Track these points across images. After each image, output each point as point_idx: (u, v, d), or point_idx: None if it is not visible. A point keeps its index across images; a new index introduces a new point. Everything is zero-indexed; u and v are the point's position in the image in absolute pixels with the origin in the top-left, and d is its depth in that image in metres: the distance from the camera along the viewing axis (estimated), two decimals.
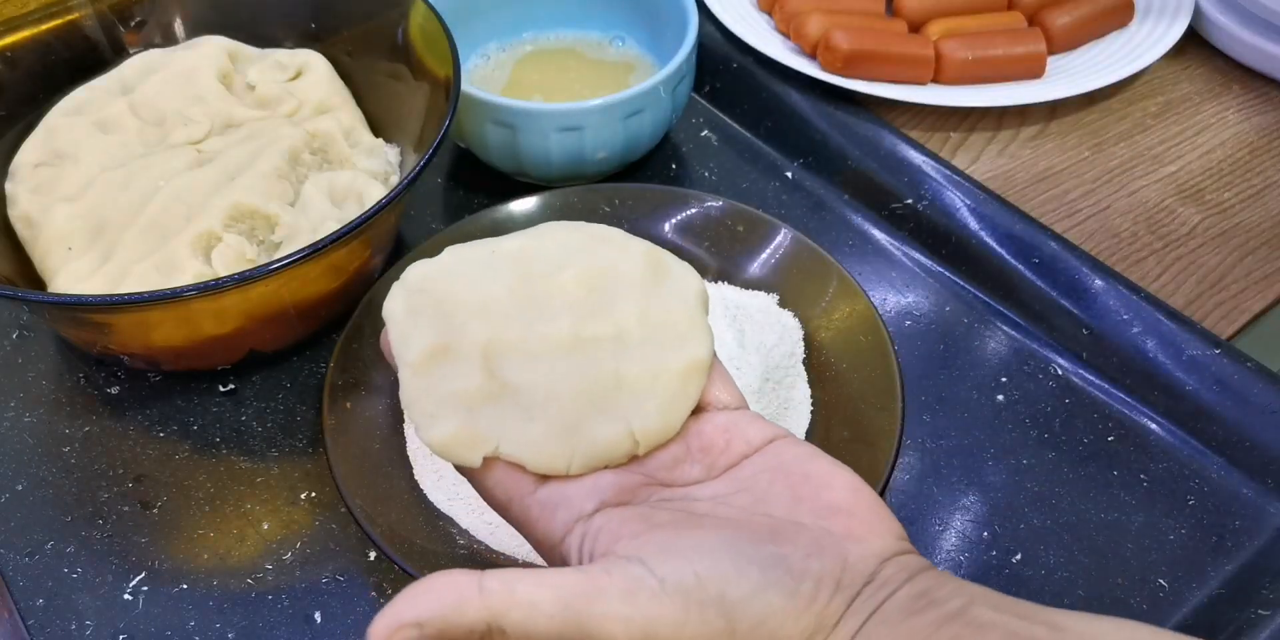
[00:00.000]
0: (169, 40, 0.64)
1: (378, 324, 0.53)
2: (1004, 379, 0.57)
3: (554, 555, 0.32)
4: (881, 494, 0.46)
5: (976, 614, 0.28)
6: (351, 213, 0.54)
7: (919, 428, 0.55)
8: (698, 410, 0.35)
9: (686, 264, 0.38)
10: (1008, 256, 0.62)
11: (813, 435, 0.51)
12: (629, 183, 0.59)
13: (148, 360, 0.55)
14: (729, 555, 0.28)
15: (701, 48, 0.72)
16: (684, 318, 0.36)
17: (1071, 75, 0.72)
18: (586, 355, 0.35)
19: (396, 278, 0.54)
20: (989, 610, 0.28)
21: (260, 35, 0.64)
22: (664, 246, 0.58)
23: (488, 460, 0.33)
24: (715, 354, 0.36)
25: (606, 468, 0.34)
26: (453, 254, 0.37)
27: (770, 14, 0.76)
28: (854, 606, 0.29)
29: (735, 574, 0.28)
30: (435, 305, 0.35)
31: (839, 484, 0.32)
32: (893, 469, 0.46)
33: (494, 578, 0.28)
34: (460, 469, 0.35)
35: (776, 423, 0.51)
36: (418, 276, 0.36)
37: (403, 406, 0.34)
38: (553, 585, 0.28)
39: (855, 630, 0.28)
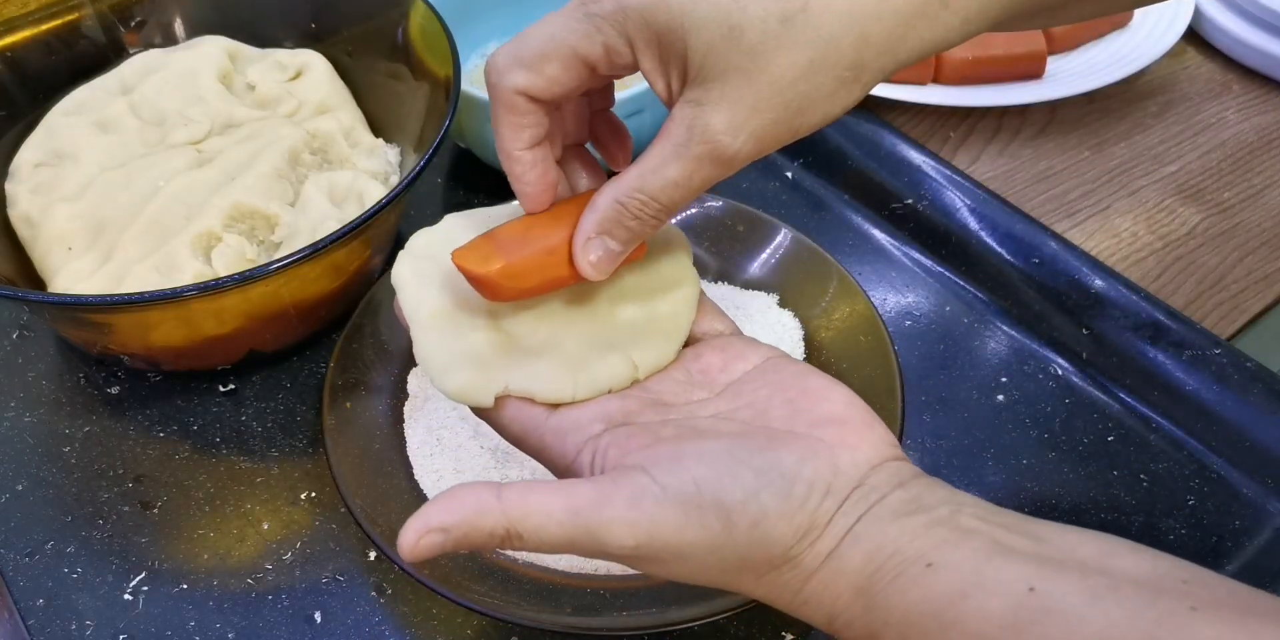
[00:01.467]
0: (169, 40, 0.64)
1: (378, 324, 0.53)
2: (1004, 379, 0.57)
3: (569, 475, 0.35)
4: None
5: (963, 520, 0.30)
6: (351, 213, 0.54)
7: (919, 428, 0.55)
8: (693, 340, 0.39)
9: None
10: (1008, 256, 0.62)
11: None
12: None
13: (148, 360, 0.55)
14: (726, 462, 0.31)
15: None
16: (671, 264, 0.39)
17: (1071, 75, 0.72)
18: (585, 305, 0.37)
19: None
20: (975, 519, 0.30)
21: (260, 35, 0.64)
22: None
23: (499, 399, 0.35)
24: (703, 291, 0.39)
25: (611, 393, 0.36)
26: (451, 221, 0.39)
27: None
28: (844, 508, 0.31)
29: (731, 480, 0.30)
30: (440, 271, 0.37)
31: (835, 397, 0.34)
32: None
33: (512, 489, 0.30)
34: (477, 412, 0.37)
35: None
36: (421, 244, 0.38)
37: (418, 362, 0.36)
38: (564, 494, 0.30)
39: (846, 529, 0.30)
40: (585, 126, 0.39)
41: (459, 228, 0.38)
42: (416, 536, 0.30)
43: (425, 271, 0.37)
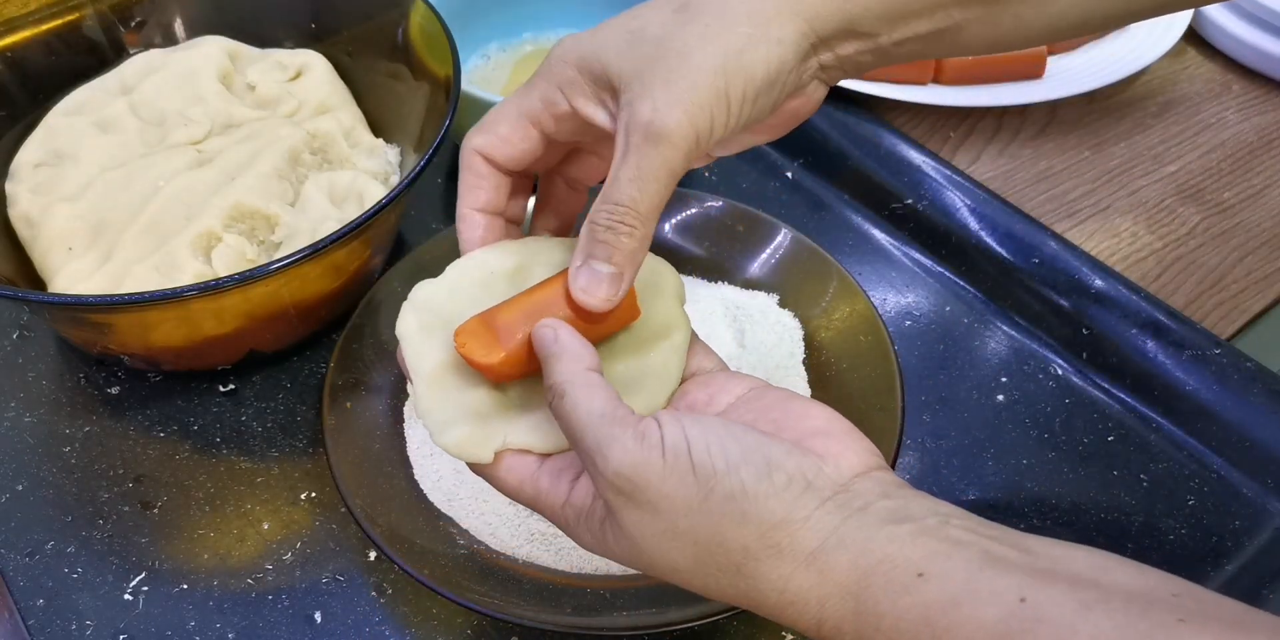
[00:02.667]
0: (169, 40, 0.64)
1: (378, 324, 0.53)
2: (1004, 379, 0.57)
3: (564, 515, 0.36)
4: None
5: (952, 532, 0.30)
6: (351, 213, 0.54)
7: (919, 428, 0.55)
8: (683, 380, 0.39)
9: (663, 260, 0.41)
10: (1008, 256, 0.62)
11: None
12: None
13: (148, 360, 0.55)
14: (719, 433, 0.32)
15: None
16: (664, 311, 0.39)
17: (1071, 75, 0.72)
18: None
19: (397, 277, 0.54)
20: (964, 530, 0.30)
21: (260, 35, 0.64)
22: (664, 246, 0.58)
23: (498, 454, 0.36)
24: (694, 332, 0.40)
25: None
26: (455, 271, 0.39)
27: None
28: (826, 507, 0.31)
29: (719, 448, 0.31)
30: (444, 324, 0.38)
31: (817, 413, 0.35)
32: (893, 469, 0.46)
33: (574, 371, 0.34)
34: (473, 467, 0.37)
35: None
36: (424, 297, 0.39)
37: (418, 416, 0.37)
38: (601, 398, 0.33)
39: (831, 530, 0.30)
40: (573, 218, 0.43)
41: (463, 280, 0.39)
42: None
43: (428, 324, 0.38)
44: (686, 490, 0.31)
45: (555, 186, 0.42)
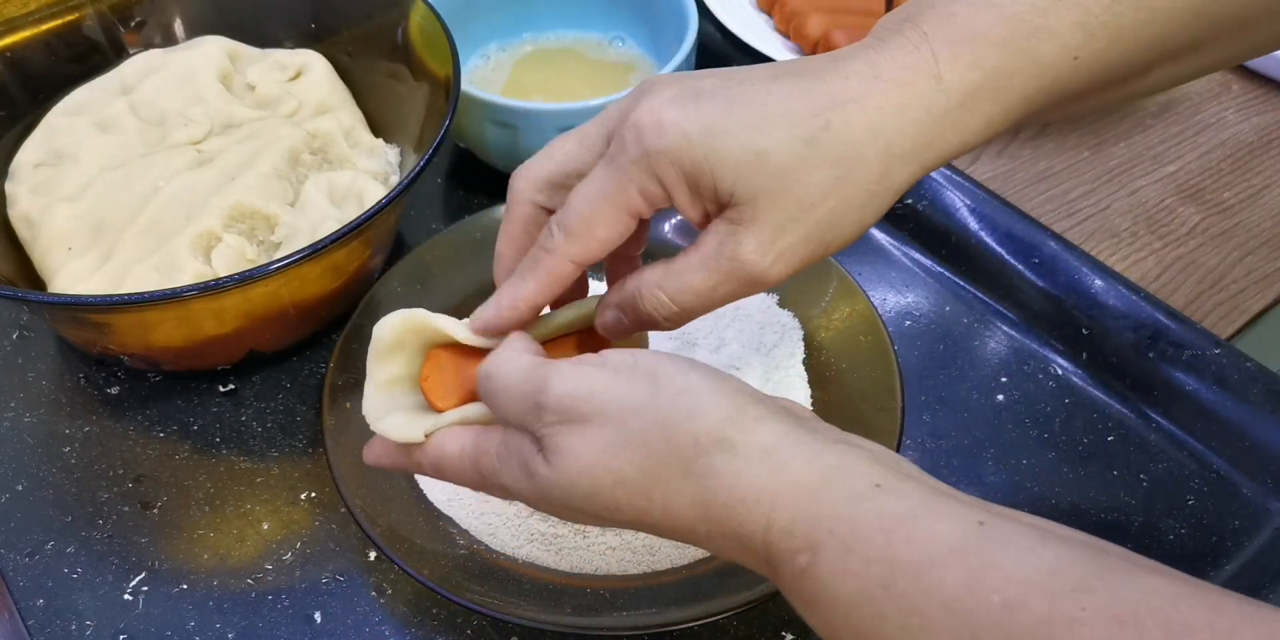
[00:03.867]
0: (169, 40, 0.64)
1: None
2: (1004, 379, 0.57)
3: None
4: None
5: (904, 466, 0.31)
6: (351, 213, 0.54)
7: (919, 428, 0.55)
8: None
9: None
10: (1008, 256, 0.62)
11: None
12: None
13: (148, 360, 0.55)
14: (666, 355, 0.33)
15: (701, 48, 0.72)
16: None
17: None
18: None
19: (397, 277, 0.54)
20: (914, 468, 0.31)
21: (260, 35, 0.64)
22: (664, 246, 0.58)
23: (431, 434, 0.37)
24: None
25: None
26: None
27: (770, 14, 0.76)
28: (777, 415, 0.31)
29: (669, 362, 0.32)
30: (413, 341, 0.39)
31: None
32: None
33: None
34: (416, 457, 0.38)
35: None
36: (420, 313, 0.39)
37: (363, 410, 0.38)
38: (526, 360, 0.34)
39: (784, 433, 0.30)
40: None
41: (449, 320, 0.39)
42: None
43: (405, 341, 0.39)
44: (635, 391, 0.31)
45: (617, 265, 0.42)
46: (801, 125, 0.32)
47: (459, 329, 0.38)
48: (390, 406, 0.39)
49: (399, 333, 0.38)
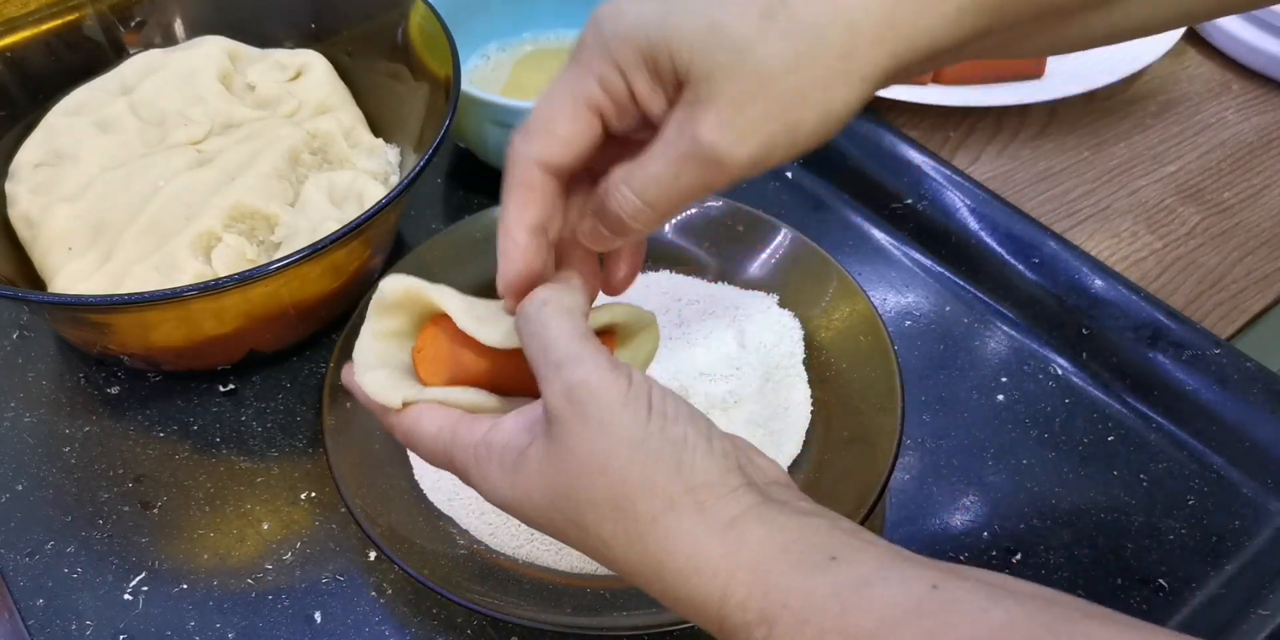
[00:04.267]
0: (169, 40, 0.64)
1: None
2: (1004, 379, 0.57)
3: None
4: (881, 493, 0.46)
5: (864, 534, 0.30)
6: (351, 213, 0.54)
7: (919, 428, 0.55)
8: None
9: (655, 324, 0.40)
10: (1008, 256, 0.62)
11: (813, 435, 0.51)
12: None
13: (148, 360, 0.55)
14: (674, 396, 0.33)
15: None
16: (633, 350, 0.40)
17: (1071, 75, 0.72)
18: None
19: None
20: (874, 534, 0.31)
21: (260, 35, 0.64)
22: (664, 246, 0.58)
23: (409, 404, 0.36)
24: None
25: None
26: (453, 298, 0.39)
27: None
28: (751, 488, 0.31)
29: (674, 402, 0.32)
30: (423, 310, 0.38)
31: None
32: (893, 469, 0.46)
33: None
34: (392, 424, 0.37)
35: (776, 422, 0.51)
36: (424, 287, 0.38)
37: (353, 354, 0.38)
38: (579, 324, 0.33)
39: (749, 506, 0.30)
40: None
41: (454, 300, 0.38)
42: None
43: (402, 304, 0.38)
44: (638, 421, 0.30)
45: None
46: (760, 0, 0.31)
47: (460, 314, 0.36)
48: (382, 359, 0.38)
49: (399, 297, 0.38)
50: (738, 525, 0.30)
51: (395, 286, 0.37)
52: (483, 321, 0.36)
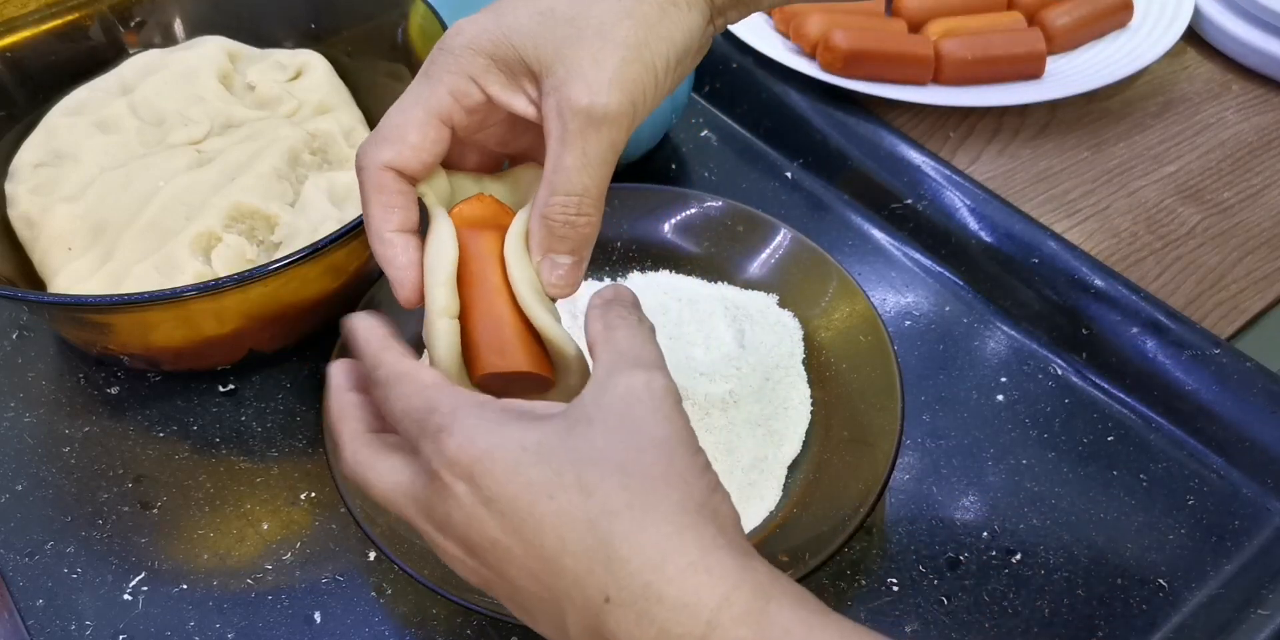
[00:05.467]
0: (169, 40, 0.64)
1: None
2: (1004, 379, 0.57)
3: None
4: (881, 494, 0.46)
5: None
6: (351, 213, 0.54)
7: (919, 428, 0.55)
8: None
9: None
10: (1008, 256, 0.62)
11: (812, 435, 0.51)
12: (629, 183, 0.59)
13: (148, 360, 0.55)
14: None
15: None
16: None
17: (1071, 75, 0.72)
18: None
19: None
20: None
21: (260, 35, 0.64)
22: (664, 246, 0.58)
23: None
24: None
25: None
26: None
27: (770, 14, 0.76)
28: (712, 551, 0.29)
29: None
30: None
31: None
32: (892, 469, 0.46)
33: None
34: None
35: (776, 422, 0.51)
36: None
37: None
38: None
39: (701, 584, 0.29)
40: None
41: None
42: None
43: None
44: (684, 437, 0.31)
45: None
46: None
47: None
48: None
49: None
50: (750, 557, 0.29)
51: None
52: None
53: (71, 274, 0.52)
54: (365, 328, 0.35)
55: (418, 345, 0.56)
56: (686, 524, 0.29)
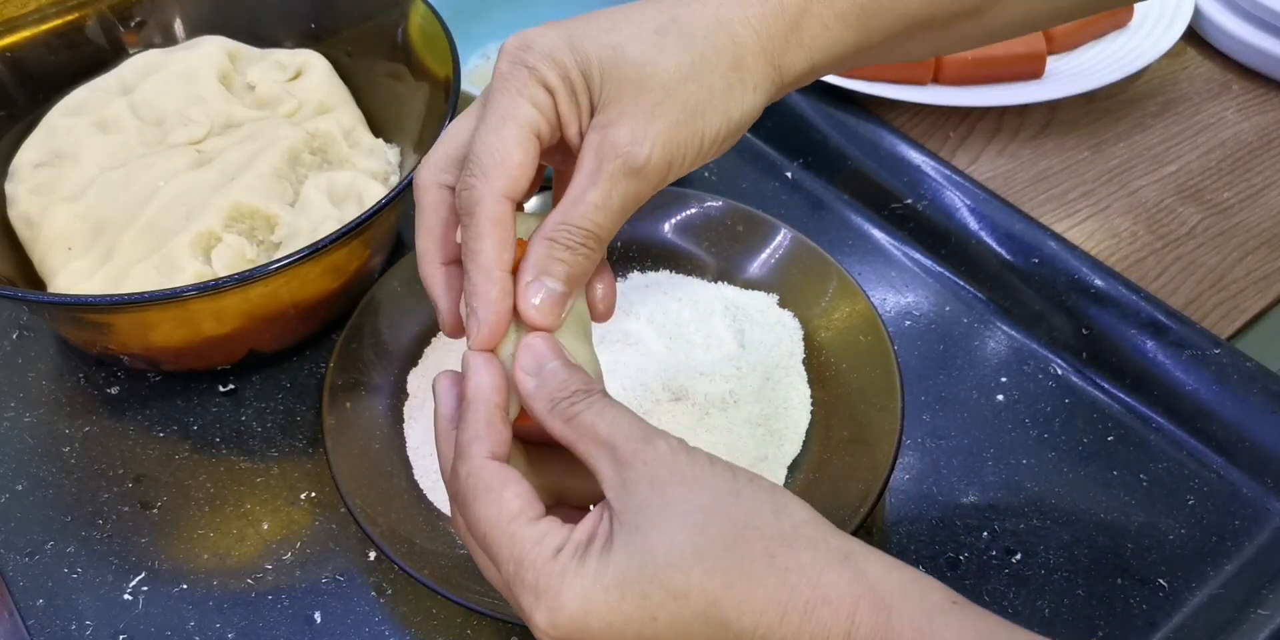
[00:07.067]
0: (169, 40, 0.64)
1: (378, 324, 0.53)
2: (1004, 379, 0.57)
3: None
4: (881, 494, 0.46)
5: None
6: (351, 213, 0.54)
7: (919, 428, 0.55)
8: None
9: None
10: (1008, 256, 0.62)
11: (812, 435, 0.51)
12: None
13: (148, 360, 0.55)
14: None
15: None
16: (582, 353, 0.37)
17: (1071, 75, 0.72)
18: None
19: (397, 277, 0.54)
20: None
21: (260, 35, 0.64)
22: (664, 246, 0.58)
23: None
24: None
25: None
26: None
27: None
28: (842, 533, 0.30)
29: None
30: None
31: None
32: (893, 469, 0.46)
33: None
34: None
35: (776, 422, 0.51)
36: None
37: None
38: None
39: (856, 544, 0.30)
40: None
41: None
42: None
43: None
44: (728, 477, 0.30)
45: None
46: (650, 20, 0.35)
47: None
48: None
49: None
50: (853, 558, 0.29)
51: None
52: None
53: (71, 274, 0.52)
54: (478, 386, 0.33)
55: (418, 342, 0.55)
56: (782, 566, 0.29)
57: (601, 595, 0.29)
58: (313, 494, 0.52)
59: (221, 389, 0.57)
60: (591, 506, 0.32)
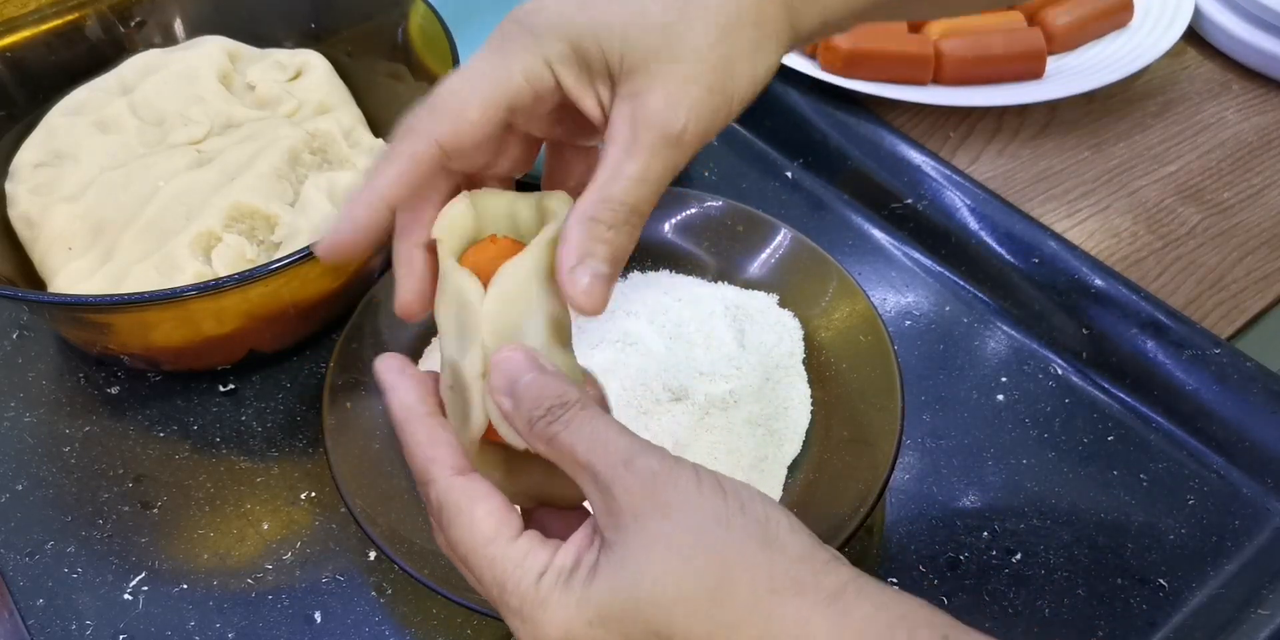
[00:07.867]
0: (169, 40, 0.64)
1: (378, 324, 0.53)
2: (1004, 379, 0.57)
3: None
4: (881, 494, 0.46)
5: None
6: None
7: (919, 428, 0.55)
8: None
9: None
10: (1008, 256, 0.62)
11: (812, 435, 0.51)
12: None
13: (148, 360, 0.55)
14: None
15: None
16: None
17: (1071, 75, 0.72)
18: None
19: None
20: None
21: (260, 35, 0.64)
22: (664, 246, 0.58)
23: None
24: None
25: None
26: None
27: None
28: (840, 561, 0.29)
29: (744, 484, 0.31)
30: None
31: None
32: (893, 469, 0.46)
33: None
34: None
35: (776, 422, 0.51)
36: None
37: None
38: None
39: (849, 578, 0.29)
40: None
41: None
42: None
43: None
44: (716, 502, 0.29)
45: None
46: None
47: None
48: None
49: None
50: (841, 599, 0.28)
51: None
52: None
53: (71, 274, 0.52)
54: (401, 405, 0.32)
55: (419, 341, 0.55)
56: (766, 614, 0.28)
57: (584, 629, 0.28)
58: (313, 494, 0.52)
59: (221, 389, 0.57)
60: (576, 508, 0.32)
